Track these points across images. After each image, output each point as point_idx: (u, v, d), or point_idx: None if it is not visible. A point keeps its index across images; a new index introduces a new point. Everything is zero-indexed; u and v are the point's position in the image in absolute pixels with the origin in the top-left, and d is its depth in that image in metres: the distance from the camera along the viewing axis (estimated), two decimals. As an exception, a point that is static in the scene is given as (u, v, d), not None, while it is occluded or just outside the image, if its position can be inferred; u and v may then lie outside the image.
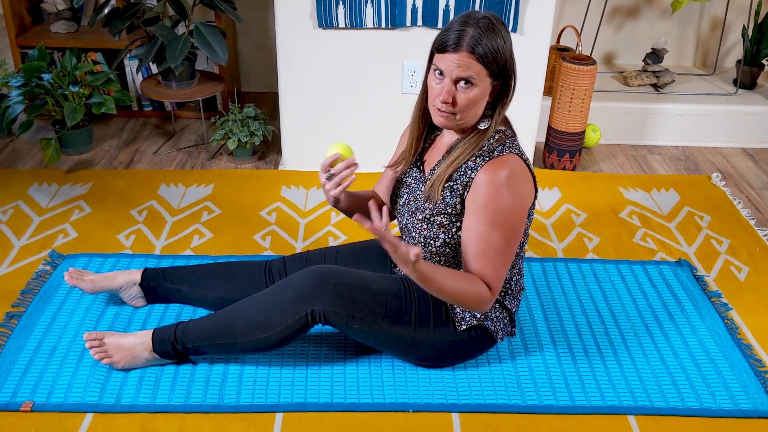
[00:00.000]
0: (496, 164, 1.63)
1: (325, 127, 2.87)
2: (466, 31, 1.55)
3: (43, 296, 2.10)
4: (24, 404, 1.72)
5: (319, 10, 2.61)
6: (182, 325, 1.80)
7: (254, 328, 1.74)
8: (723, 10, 3.58)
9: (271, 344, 1.75)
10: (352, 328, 1.74)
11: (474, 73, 1.56)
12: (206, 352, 1.81)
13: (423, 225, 1.73)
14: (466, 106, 1.61)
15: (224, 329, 1.76)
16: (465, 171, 1.67)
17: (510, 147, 1.66)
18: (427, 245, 1.75)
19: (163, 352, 1.80)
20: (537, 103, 2.85)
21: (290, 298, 1.72)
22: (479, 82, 1.58)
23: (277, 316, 1.72)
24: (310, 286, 1.72)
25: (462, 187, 1.67)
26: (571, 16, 3.56)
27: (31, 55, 2.87)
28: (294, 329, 1.73)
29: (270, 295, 1.76)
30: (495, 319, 1.81)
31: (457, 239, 1.72)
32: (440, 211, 1.70)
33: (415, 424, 1.72)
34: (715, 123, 3.28)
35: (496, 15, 1.61)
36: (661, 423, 1.75)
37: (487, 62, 1.56)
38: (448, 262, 1.77)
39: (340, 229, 2.52)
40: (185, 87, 2.99)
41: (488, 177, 1.62)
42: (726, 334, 2.04)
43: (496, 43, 1.55)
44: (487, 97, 1.63)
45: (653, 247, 2.47)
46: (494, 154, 1.64)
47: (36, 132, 3.21)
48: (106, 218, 2.53)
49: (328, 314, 1.71)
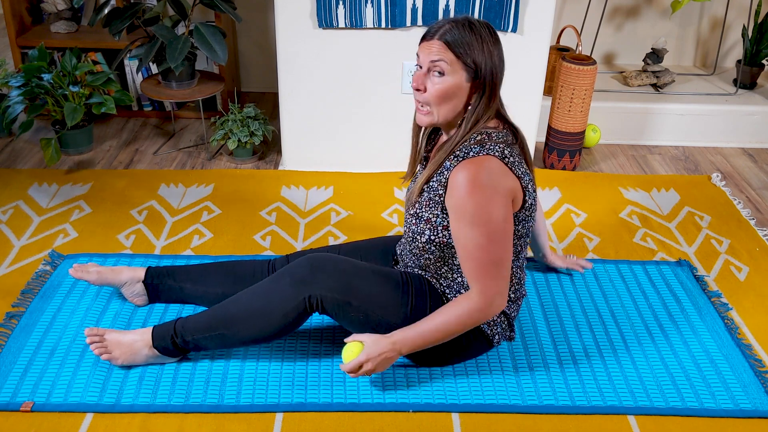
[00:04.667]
0: (469, 163, 1.61)
1: (325, 127, 2.87)
2: (443, 26, 1.60)
3: (43, 296, 2.11)
4: (24, 404, 1.72)
5: (319, 10, 2.61)
6: (181, 320, 1.80)
7: (252, 317, 1.74)
8: (723, 10, 3.58)
9: (270, 333, 1.75)
10: (348, 316, 1.74)
11: (445, 60, 1.58)
12: (206, 346, 1.80)
13: (412, 220, 1.75)
14: (438, 97, 1.61)
15: (223, 319, 1.76)
16: (442, 171, 1.68)
17: (490, 149, 1.62)
18: (415, 240, 1.76)
19: (163, 347, 1.80)
20: (537, 103, 2.85)
21: (287, 283, 1.73)
22: (451, 73, 1.59)
23: (275, 303, 1.72)
24: (308, 272, 1.72)
25: (440, 186, 1.68)
26: (571, 16, 3.56)
27: (31, 55, 2.87)
28: (292, 317, 1.73)
29: (267, 283, 1.76)
30: (492, 323, 1.81)
31: (442, 239, 1.71)
32: (426, 206, 1.71)
33: (415, 424, 1.72)
34: (715, 123, 3.28)
35: (484, 21, 1.63)
36: (661, 423, 1.75)
37: (458, 52, 1.57)
38: (437, 262, 1.76)
39: (340, 229, 2.52)
40: (185, 87, 2.99)
41: (462, 176, 1.60)
42: (726, 334, 2.04)
43: (471, 38, 1.58)
44: (465, 95, 1.63)
45: (653, 247, 2.47)
46: (470, 155, 1.63)
47: (36, 132, 3.21)
48: (106, 218, 2.53)
49: (325, 300, 1.71)
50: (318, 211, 2.64)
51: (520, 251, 1.79)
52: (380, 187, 2.80)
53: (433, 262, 1.77)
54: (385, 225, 2.55)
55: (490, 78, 1.61)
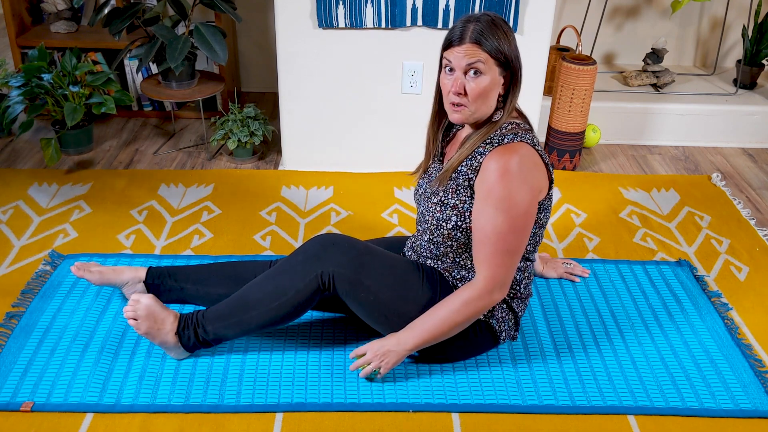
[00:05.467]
0: (505, 150, 1.66)
1: (325, 127, 2.87)
2: (468, 27, 1.63)
3: (43, 296, 2.10)
4: (24, 404, 1.72)
5: (319, 10, 2.61)
6: (201, 312, 1.82)
7: (268, 297, 1.75)
8: (723, 10, 3.58)
9: (285, 312, 1.76)
10: (358, 296, 1.74)
11: (481, 60, 1.62)
12: (226, 335, 1.81)
13: (437, 208, 1.76)
14: (478, 96, 1.65)
15: (240, 304, 1.78)
16: (475, 156, 1.70)
17: (523, 137, 1.69)
18: (439, 228, 1.76)
19: (185, 336, 1.81)
20: (537, 103, 2.85)
21: (300, 261, 1.75)
22: (487, 71, 1.64)
23: (288, 281, 1.74)
24: (321, 247, 1.75)
25: (471, 171, 1.70)
26: (571, 16, 3.56)
27: (31, 55, 2.87)
28: (306, 294, 1.74)
29: (281, 264, 1.79)
30: (501, 319, 1.82)
31: (470, 224, 1.73)
32: (453, 192, 1.73)
33: (415, 424, 1.72)
34: (715, 123, 3.28)
35: (497, 14, 1.70)
36: (661, 423, 1.75)
37: (491, 51, 1.62)
38: (460, 248, 1.77)
39: (340, 229, 2.52)
40: (185, 87, 2.99)
41: (496, 161, 1.65)
42: (726, 334, 2.04)
43: (498, 34, 1.63)
44: (499, 89, 1.69)
45: (653, 247, 2.47)
46: (504, 141, 1.68)
47: (36, 132, 3.21)
48: (106, 218, 2.53)
49: (336, 276, 1.72)
50: (318, 211, 2.64)
51: (537, 242, 1.81)
52: (380, 187, 2.80)
53: (454, 249, 1.78)
54: (385, 225, 2.55)
55: (518, 66, 1.68)
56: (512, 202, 1.64)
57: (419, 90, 2.79)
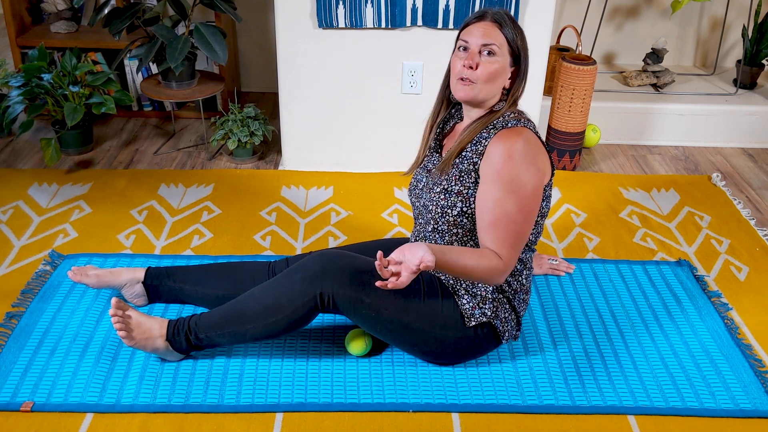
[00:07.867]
0: (510, 132, 1.68)
1: (325, 127, 2.87)
2: (488, 10, 1.71)
3: (43, 296, 2.11)
4: (24, 404, 1.72)
5: (319, 10, 2.61)
6: (195, 317, 1.81)
7: (264, 312, 1.74)
8: (723, 10, 3.58)
9: (281, 328, 1.75)
10: (360, 313, 1.74)
11: (496, 44, 1.67)
12: (219, 343, 1.81)
13: (440, 196, 1.75)
14: (487, 77, 1.68)
15: (235, 316, 1.77)
16: (479, 140, 1.72)
17: (525, 123, 1.72)
18: (444, 216, 1.75)
19: (177, 341, 1.80)
20: (537, 103, 2.85)
21: (299, 279, 1.73)
22: (501, 55, 1.68)
23: (286, 299, 1.73)
24: (320, 267, 1.73)
25: (476, 155, 1.71)
26: (571, 16, 3.56)
27: (31, 55, 2.87)
28: (303, 312, 1.73)
29: (280, 279, 1.77)
30: (504, 320, 1.82)
31: (474, 209, 1.73)
32: (456, 179, 1.73)
33: (415, 424, 1.72)
34: (715, 123, 3.28)
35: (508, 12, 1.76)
36: (661, 423, 1.75)
37: (508, 36, 1.68)
38: (465, 236, 1.77)
39: (340, 229, 2.52)
40: (185, 87, 2.99)
41: (503, 144, 1.66)
42: (726, 334, 2.04)
43: (515, 27, 1.71)
44: (507, 78, 1.72)
45: (653, 247, 2.47)
46: (508, 126, 1.70)
47: (36, 132, 3.21)
48: (106, 218, 2.53)
49: (336, 297, 1.71)
50: (318, 211, 2.64)
51: (539, 232, 1.82)
52: (380, 187, 2.80)
53: (460, 236, 1.77)
54: (385, 225, 2.55)
55: (526, 64, 1.73)
56: (520, 183, 1.65)
57: (419, 90, 2.79)
